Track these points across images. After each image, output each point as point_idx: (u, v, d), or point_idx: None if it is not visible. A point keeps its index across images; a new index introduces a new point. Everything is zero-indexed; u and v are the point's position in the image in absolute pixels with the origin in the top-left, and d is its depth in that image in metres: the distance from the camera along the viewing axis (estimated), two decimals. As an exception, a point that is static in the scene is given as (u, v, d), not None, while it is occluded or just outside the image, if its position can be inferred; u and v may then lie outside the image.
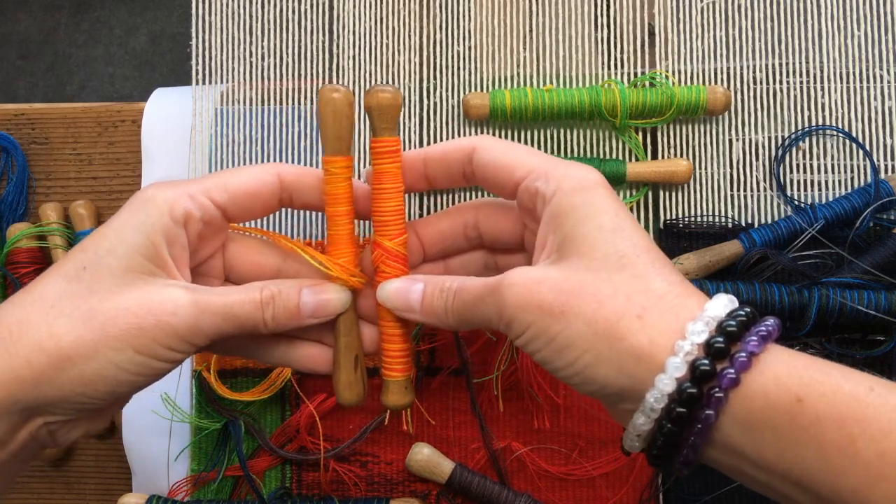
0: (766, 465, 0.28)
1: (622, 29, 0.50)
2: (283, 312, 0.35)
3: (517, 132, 0.50)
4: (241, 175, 0.36)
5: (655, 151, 0.50)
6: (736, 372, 0.28)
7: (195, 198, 0.35)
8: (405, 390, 0.38)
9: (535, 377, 0.48)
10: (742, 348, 0.29)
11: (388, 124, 0.36)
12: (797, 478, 0.28)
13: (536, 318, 0.31)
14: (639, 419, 0.30)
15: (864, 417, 0.27)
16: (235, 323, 0.34)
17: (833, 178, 0.49)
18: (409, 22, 0.51)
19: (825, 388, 0.28)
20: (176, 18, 1.58)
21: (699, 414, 0.29)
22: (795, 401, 0.28)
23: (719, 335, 0.29)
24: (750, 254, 0.46)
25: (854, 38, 0.50)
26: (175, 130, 0.51)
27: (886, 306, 0.44)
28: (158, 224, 0.33)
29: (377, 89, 0.36)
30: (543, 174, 0.34)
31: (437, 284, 0.35)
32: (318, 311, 0.36)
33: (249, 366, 0.50)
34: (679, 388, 0.29)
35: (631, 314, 0.30)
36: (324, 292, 0.36)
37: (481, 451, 0.49)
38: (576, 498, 0.48)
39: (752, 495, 0.47)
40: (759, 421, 0.28)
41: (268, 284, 0.35)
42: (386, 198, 0.37)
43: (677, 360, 0.29)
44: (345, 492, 0.49)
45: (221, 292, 0.34)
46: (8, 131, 0.54)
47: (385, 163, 0.37)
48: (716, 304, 0.30)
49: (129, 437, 0.50)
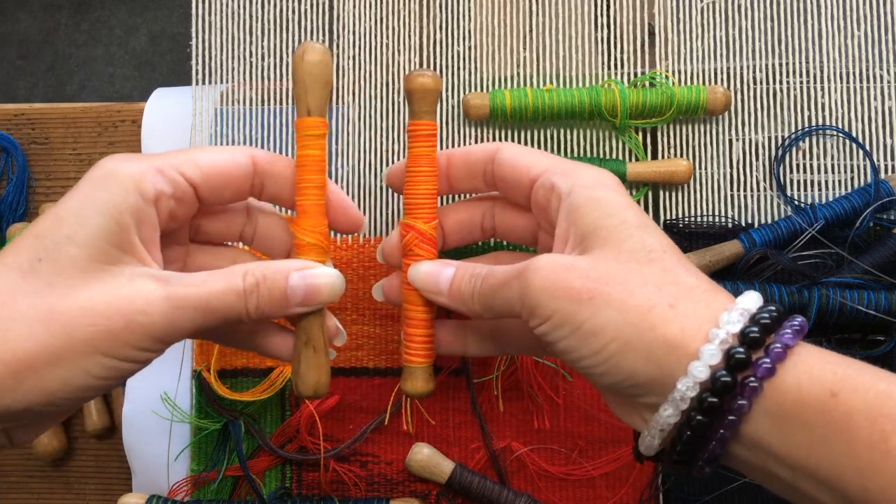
0: (793, 462, 0.28)
1: (622, 29, 0.50)
2: (269, 302, 0.32)
3: (517, 132, 0.50)
4: (213, 152, 0.33)
5: (655, 151, 0.50)
6: (772, 361, 0.28)
7: (165, 172, 0.31)
8: (429, 377, 0.37)
9: (535, 377, 0.48)
10: (777, 340, 0.29)
11: (427, 107, 0.36)
12: (825, 476, 0.27)
13: (563, 303, 0.30)
14: (666, 411, 0.29)
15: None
16: (215, 316, 0.30)
17: (833, 178, 0.49)
18: (409, 22, 0.51)
19: (858, 384, 0.27)
20: (176, 18, 1.58)
21: (732, 404, 0.28)
22: (829, 395, 0.27)
23: (753, 325, 0.29)
24: (750, 254, 0.46)
25: (854, 38, 0.50)
26: (175, 130, 0.51)
27: (886, 306, 0.44)
28: (125, 203, 0.30)
29: (419, 73, 0.36)
30: (561, 172, 0.34)
31: (468, 269, 0.35)
32: (308, 297, 0.33)
33: (249, 366, 0.50)
34: (713, 376, 0.28)
35: (663, 303, 0.29)
36: (315, 276, 0.33)
37: (481, 451, 0.49)
38: (576, 498, 0.48)
39: (752, 495, 0.47)
40: (791, 415, 0.28)
41: (251, 268, 0.31)
42: (421, 180, 0.37)
43: (712, 347, 0.28)
44: (345, 492, 0.49)
45: (197, 281, 0.30)
46: (8, 131, 0.54)
47: (422, 146, 0.37)
48: (747, 299, 0.30)
49: (129, 437, 0.50)
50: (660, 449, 0.31)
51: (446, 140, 0.50)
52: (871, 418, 0.26)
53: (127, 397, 0.49)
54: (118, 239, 0.30)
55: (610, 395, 0.33)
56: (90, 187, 0.30)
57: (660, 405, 0.30)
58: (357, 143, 0.50)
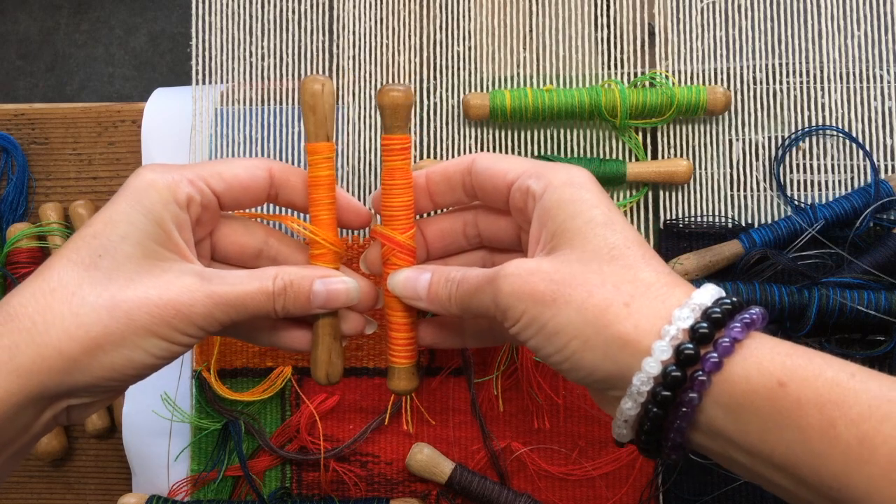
0: (750, 448, 0.29)
1: (622, 29, 0.50)
2: (294, 303, 0.36)
3: (517, 132, 0.50)
4: (234, 166, 0.37)
5: (655, 151, 0.50)
6: (719, 356, 0.29)
7: (195, 183, 0.36)
8: (411, 376, 0.39)
9: (535, 377, 0.48)
10: (726, 334, 0.30)
11: (399, 122, 0.38)
12: (780, 461, 0.28)
13: (529, 306, 0.32)
14: (626, 404, 0.31)
15: (844, 401, 0.27)
16: (247, 312, 0.35)
17: (833, 178, 0.49)
18: (409, 22, 0.51)
19: (807, 373, 0.28)
20: (176, 18, 1.58)
21: (684, 397, 0.30)
22: (777, 385, 0.28)
23: (704, 321, 0.30)
24: (750, 254, 0.46)
25: (854, 38, 0.50)
26: (175, 130, 0.51)
27: (886, 306, 0.44)
28: (167, 209, 0.34)
29: (389, 88, 0.37)
30: (535, 174, 0.36)
31: (443, 274, 0.37)
32: (329, 301, 0.37)
33: (249, 366, 0.50)
34: (664, 371, 0.30)
35: (619, 302, 0.31)
36: (334, 283, 0.37)
37: (481, 451, 0.49)
38: (576, 498, 0.48)
39: (751, 496, 0.47)
40: (742, 404, 0.29)
41: (280, 273, 0.36)
42: (396, 193, 0.38)
43: (663, 343, 0.30)
44: (345, 492, 0.49)
45: (233, 282, 0.35)
46: (8, 131, 0.54)
47: (396, 159, 0.38)
48: (702, 293, 0.31)
49: (129, 437, 0.50)
50: (630, 438, 0.33)
51: (446, 140, 0.50)
52: (820, 405, 0.28)
53: (127, 397, 0.50)
54: (164, 240, 0.34)
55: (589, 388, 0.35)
56: (134, 195, 0.34)
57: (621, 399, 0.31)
58: (357, 142, 0.50)
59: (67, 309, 0.32)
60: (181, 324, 0.33)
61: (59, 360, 0.32)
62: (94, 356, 0.32)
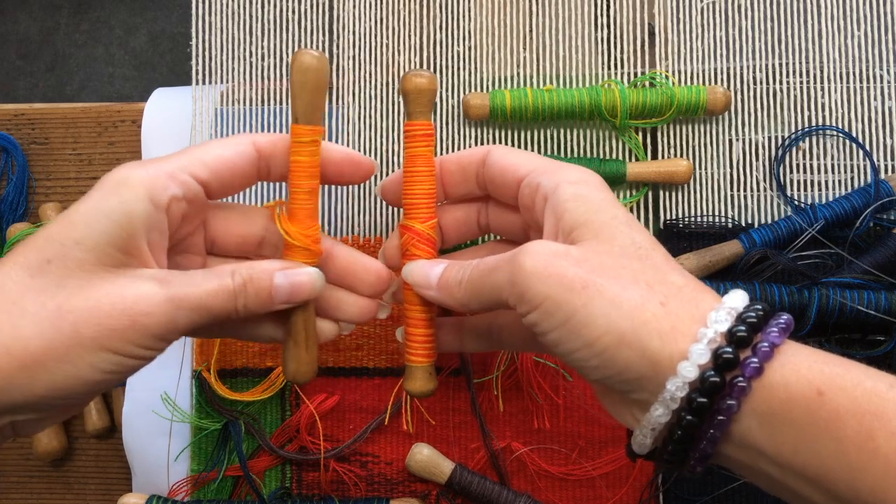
0: (782, 460, 0.28)
1: (622, 29, 0.50)
2: (255, 300, 0.33)
3: (517, 132, 0.50)
4: (216, 147, 0.34)
5: (655, 151, 0.50)
6: (760, 361, 0.28)
7: (176, 177, 0.33)
8: (429, 376, 0.37)
9: (535, 377, 0.48)
10: (764, 339, 0.29)
11: (423, 108, 0.37)
12: (814, 474, 0.27)
13: (555, 290, 0.30)
14: (656, 411, 0.29)
15: (884, 413, 0.26)
16: (209, 315, 0.32)
17: (833, 178, 0.49)
18: (409, 22, 0.51)
19: (845, 383, 0.27)
20: (176, 18, 1.58)
21: (721, 404, 0.28)
22: (816, 394, 0.27)
23: (741, 325, 0.29)
24: (750, 254, 0.46)
25: (854, 38, 0.50)
26: (175, 130, 0.51)
27: (886, 306, 0.44)
28: (136, 210, 0.31)
29: (414, 73, 0.36)
30: (546, 172, 0.34)
31: (458, 263, 0.35)
32: (293, 295, 0.34)
33: (249, 366, 0.50)
34: (702, 376, 0.28)
35: (654, 301, 0.29)
36: (297, 275, 0.34)
37: (481, 451, 0.49)
38: (576, 498, 0.48)
39: (752, 496, 0.47)
40: (779, 413, 0.27)
41: (238, 268, 0.33)
42: (419, 180, 0.37)
43: (701, 346, 0.28)
44: (345, 492, 0.49)
45: (193, 282, 0.32)
46: (8, 131, 0.54)
47: (419, 146, 0.37)
48: (734, 297, 0.30)
49: (129, 437, 0.50)
50: (652, 448, 0.31)
51: (446, 140, 0.50)
52: (859, 416, 0.26)
53: (127, 397, 0.49)
54: (125, 244, 0.31)
55: (603, 393, 0.33)
56: (102, 194, 0.31)
57: (651, 404, 0.29)
58: (357, 143, 0.50)
59: (6, 319, 0.29)
60: (136, 335, 0.30)
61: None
62: (34, 373, 0.29)
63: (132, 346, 0.31)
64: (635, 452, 0.32)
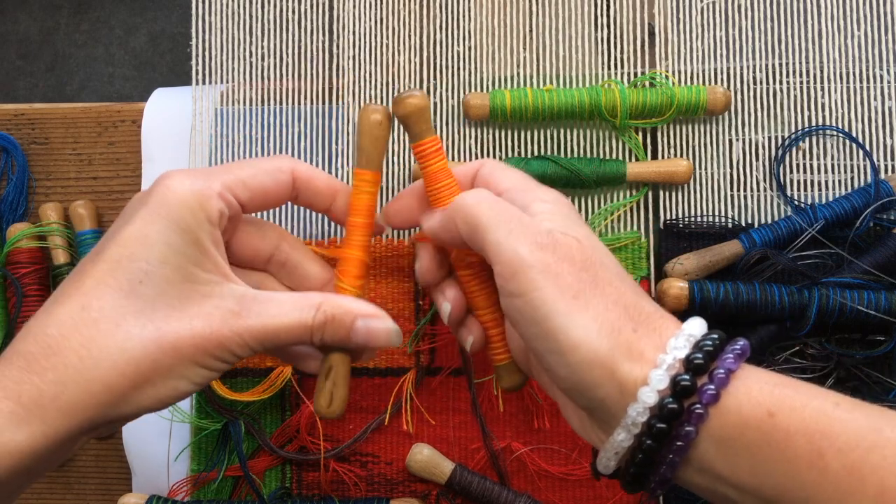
0: (739, 483, 0.29)
1: (622, 29, 0.50)
2: (332, 338, 0.35)
3: (517, 132, 0.50)
4: (258, 171, 0.37)
5: (655, 151, 0.50)
6: (716, 388, 0.29)
7: (223, 196, 0.35)
8: (517, 369, 0.40)
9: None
10: (720, 365, 0.30)
11: (425, 126, 0.38)
12: (770, 495, 0.28)
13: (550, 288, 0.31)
14: (619, 435, 0.30)
15: (831, 431, 0.27)
16: (283, 343, 0.35)
17: (833, 178, 0.49)
18: (409, 22, 0.51)
19: (795, 403, 0.28)
20: (176, 18, 1.58)
21: (679, 430, 0.29)
22: (767, 415, 0.28)
23: (697, 352, 0.30)
24: (750, 254, 0.46)
25: (854, 38, 0.50)
26: (175, 130, 0.51)
27: (886, 306, 0.44)
28: (201, 228, 0.34)
29: (406, 96, 0.37)
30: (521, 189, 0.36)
31: None
32: (368, 341, 0.36)
33: (249, 366, 0.50)
34: (661, 402, 0.29)
35: (629, 326, 0.31)
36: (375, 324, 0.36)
37: (481, 451, 0.49)
38: (576, 498, 0.48)
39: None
40: (734, 437, 0.28)
41: (323, 304, 0.35)
42: (447, 195, 0.38)
43: (660, 372, 0.29)
44: (345, 492, 0.49)
45: (275, 312, 0.34)
46: (8, 131, 0.54)
47: (434, 162, 0.38)
48: (692, 325, 0.31)
49: (129, 437, 0.50)
50: (616, 468, 0.32)
51: (446, 140, 0.50)
52: (808, 436, 0.27)
53: (127, 397, 0.50)
54: (201, 260, 0.34)
55: (571, 412, 0.34)
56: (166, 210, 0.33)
57: (613, 427, 0.31)
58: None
59: (114, 343, 0.31)
60: (222, 353, 0.33)
61: (107, 396, 0.31)
62: (143, 390, 0.32)
63: (217, 362, 0.34)
64: (599, 472, 0.33)
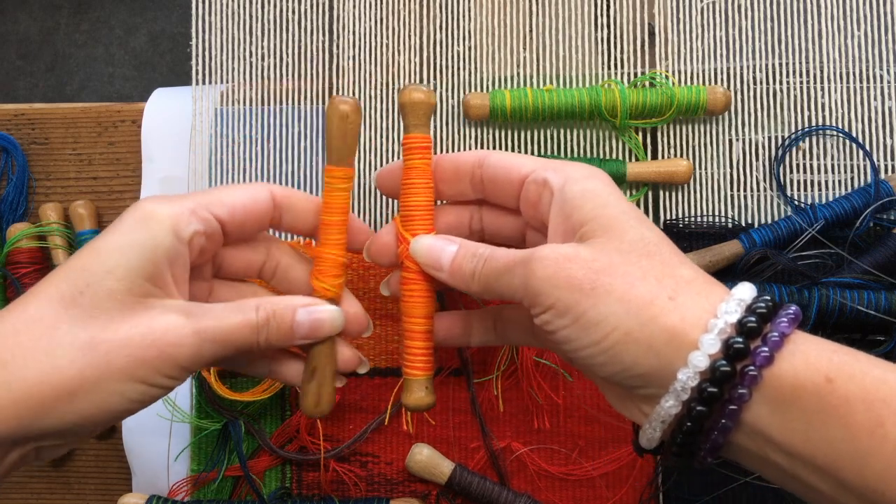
0: (791, 448, 0.28)
1: (622, 29, 0.50)
2: (277, 334, 0.34)
3: (517, 132, 0.50)
4: (237, 192, 0.36)
5: (655, 151, 0.50)
6: (770, 350, 0.28)
7: (197, 213, 0.34)
8: (427, 390, 0.38)
9: (535, 377, 0.48)
10: (773, 328, 0.29)
11: (419, 121, 0.37)
12: (822, 462, 0.27)
13: (565, 293, 0.30)
14: (667, 402, 0.30)
15: (893, 399, 0.27)
16: (232, 347, 0.33)
17: (833, 178, 0.49)
18: (409, 22, 0.51)
19: (854, 370, 0.28)
20: (176, 18, 1.58)
21: (733, 393, 0.28)
22: (825, 381, 0.27)
23: (750, 315, 0.29)
24: (750, 254, 0.46)
25: (854, 38, 0.50)
26: (175, 130, 0.51)
27: (886, 306, 0.44)
28: (163, 243, 0.32)
29: (411, 88, 0.37)
30: (552, 168, 0.35)
31: (470, 248, 0.35)
32: (313, 331, 0.35)
33: (249, 366, 0.50)
34: (712, 366, 0.29)
35: (663, 296, 0.30)
36: (318, 312, 0.36)
37: (481, 451, 0.49)
38: (576, 498, 0.48)
39: (752, 496, 0.47)
40: (789, 401, 0.28)
41: (262, 304, 0.34)
42: (415, 192, 0.38)
43: (711, 336, 0.29)
44: (345, 492, 0.49)
45: (218, 316, 0.33)
46: (8, 131, 0.54)
47: (416, 158, 0.38)
48: (742, 290, 0.31)
49: (129, 437, 0.50)
50: (660, 442, 0.31)
51: (446, 140, 0.50)
52: (868, 403, 0.27)
53: (127, 397, 0.50)
54: (153, 275, 0.32)
55: (608, 389, 0.33)
56: (130, 227, 0.33)
57: (660, 397, 0.30)
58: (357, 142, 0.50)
59: (41, 350, 0.30)
60: (164, 365, 0.32)
61: (28, 406, 0.30)
62: (66, 402, 0.30)
63: (159, 377, 0.32)
64: (643, 447, 0.32)
